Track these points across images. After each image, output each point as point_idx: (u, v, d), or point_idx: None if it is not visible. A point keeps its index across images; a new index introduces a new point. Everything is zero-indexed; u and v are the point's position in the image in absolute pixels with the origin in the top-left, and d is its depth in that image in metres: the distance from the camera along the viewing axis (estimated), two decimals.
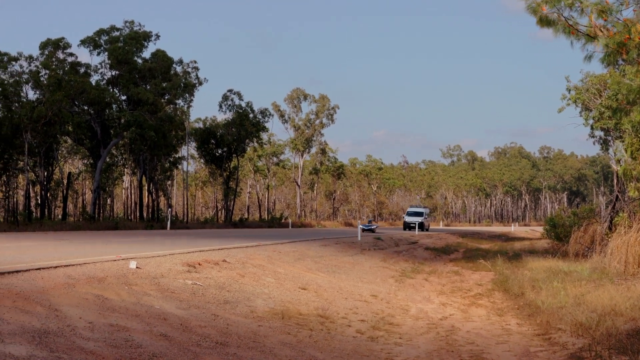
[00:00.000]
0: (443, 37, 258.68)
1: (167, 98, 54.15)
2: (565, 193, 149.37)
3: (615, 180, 37.90)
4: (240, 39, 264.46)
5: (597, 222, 27.20)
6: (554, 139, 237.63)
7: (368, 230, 45.24)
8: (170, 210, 52.65)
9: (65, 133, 51.45)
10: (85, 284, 9.96)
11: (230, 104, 64.94)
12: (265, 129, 69.49)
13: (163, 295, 10.69)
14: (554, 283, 15.99)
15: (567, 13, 14.33)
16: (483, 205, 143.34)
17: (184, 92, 55.48)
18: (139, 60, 52.69)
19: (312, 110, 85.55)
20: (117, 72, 51.98)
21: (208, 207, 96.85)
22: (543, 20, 14.41)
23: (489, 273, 22.62)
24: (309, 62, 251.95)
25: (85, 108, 50.70)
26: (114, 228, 41.66)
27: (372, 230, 46.23)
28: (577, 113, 51.01)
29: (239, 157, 68.01)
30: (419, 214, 62.13)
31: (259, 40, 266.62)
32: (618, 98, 25.84)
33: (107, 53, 51.62)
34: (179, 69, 55.92)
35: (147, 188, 60.40)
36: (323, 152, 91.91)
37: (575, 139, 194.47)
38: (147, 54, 53.67)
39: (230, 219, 64.87)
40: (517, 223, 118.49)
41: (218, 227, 55.41)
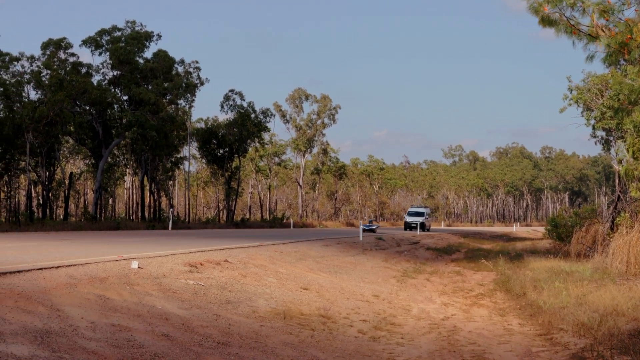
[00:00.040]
0: (444, 37, 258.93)
1: (168, 98, 54.19)
2: (567, 193, 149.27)
3: (617, 181, 37.87)
4: (241, 39, 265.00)
5: (598, 222, 27.17)
6: (556, 139, 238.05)
7: (369, 230, 45.23)
8: (172, 211, 52.61)
9: (67, 133, 51.52)
10: (87, 284, 9.96)
11: (232, 104, 65.00)
12: (267, 129, 69.51)
13: (165, 295, 10.69)
14: (556, 283, 15.97)
15: (568, 13, 14.36)
16: (485, 206, 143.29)
17: (186, 92, 55.49)
18: (141, 61, 52.75)
19: (313, 110, 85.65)
20: (118, 72, 52.04)
21: (210, 207, 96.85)
22: (545, 20, 14.44)
23: (491, 273, 22.61)
24: (310, 62, 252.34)
25: (87, 108, 50.75)
26: (116, 228, 41.68)
27: (372, 231, 46.23)
28: (578, 113, 50.93)
29: (241, 157, 68.05)
30: (420, 214, 61.42)
31: (260, 40, 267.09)
32: (620, 98, 25.84)
33: (108, 53, 51.68)
34: (181, 69, 56.02)
35: (148, 188, 60.40)
36: (325, 152, 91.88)
37: (577, 139, 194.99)
38: (148, 54, 53.87)
39: (232, 219, 64.87)
40: (518, 223, 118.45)
41: (220, 227, 55.44)
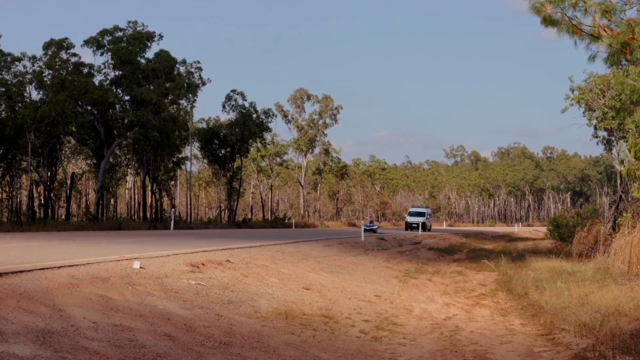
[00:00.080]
0: (446, 37, 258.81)
1: (170, 98, 54.17)
2: (569, 193, 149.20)
3: (619, 181, 37.86)
4: (242, 39, 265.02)
5: (600, 222, 27.17)
6: (558, 139, 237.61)
7: (369, 231, 45.18)
8: (174, 211, 52.58)
9: (69, 133, 51.55)
10: (89, 284, 9.97)
11: (234, 104, 65.00)
12: (269, 129, 69.49)
13: (167, 295, 10.69)
14: (558, 283, 15.97)
15: (570, 13, 14.36)
16: (486, 206, 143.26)
17: (187, 92, 55.47)
18: (143, 61, 52.73)
19: (315, 111, 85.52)
20: (120, 72, 52.03)
21: (211, 207, 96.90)
22: (547, 20, 14.44)
23: (493, 273, 22.60)
24: (311, 62, 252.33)
25: (89, 108, 50.76)
26: (118, 228, 41.70)
27: (373, 231, 46.16)
28: (580, 113, 50.85)
29: (243, 157, 68.06)
30: (421, 214, 60.81)
31: (261, 41, 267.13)
32: (621, 98, 25.86)
33: (110, 53, 51.67)
34: (182, 69, 56.01)
35: (150, 188, 60.44)
36: (326, 152, 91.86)
37: (579, 139, 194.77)
38: (150, 54, 53.79)
39: (234, 219, 64.88)
40: (520, 223, 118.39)
41: (221, 227, 55.44)
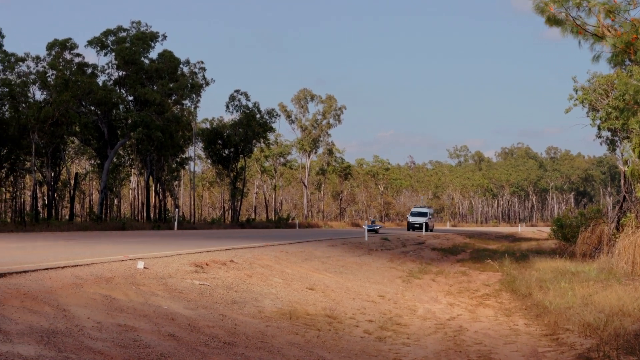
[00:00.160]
0: (449, 37, 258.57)
1: (174, 98, 54.20)
2: (573, 193, 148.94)
3: (623, 181, 37.80)
4: (245, 40, 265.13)
5: (604, 222, 27.13)
6: (561, 140, 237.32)
7: (371, 231, 45.13)
8: (178, 211, 52.65)
9: (73, 133, 51.59)
10: (93, 284, 9.98)
11: (237, 105, 65.02)
12: (272, 130, 69.51)
13: (171, 296, 10.70)
14: (562, 283, 15.95)
15: (574, 13, 14.35)
16: (490, 206, 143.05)
17: (191, 92, 55.48)
18: (146, 61, 52.76)
19: (319, 111, 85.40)
20: (124, 72, 52.07)
21: (215, 207, 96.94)
22: (551, 20, 14.43)
23: (497, 273, 22.59)
24: (313, 62, 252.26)
25: (92, 108, 50.80)
26: (121, 228, 41.75)
27: (375, 231, 46.07)
28: (584, 113, 50.81)
29: (246, 157, 68.07)
30: (423, 214, 60.40)
31: (264, 41, 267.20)
32: (625, 98, 25.78)
33: (114, 53, 51.70)
34: (186, 70, 56.00)
35: (154, 188, 60.47)
36: (330, 152, 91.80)
37: (583, 140, 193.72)
38: (154, 55, 53.80)
39: (237, 220, 64.89)
40: (524, 223, 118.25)
41: (225, 227, 55.46)
